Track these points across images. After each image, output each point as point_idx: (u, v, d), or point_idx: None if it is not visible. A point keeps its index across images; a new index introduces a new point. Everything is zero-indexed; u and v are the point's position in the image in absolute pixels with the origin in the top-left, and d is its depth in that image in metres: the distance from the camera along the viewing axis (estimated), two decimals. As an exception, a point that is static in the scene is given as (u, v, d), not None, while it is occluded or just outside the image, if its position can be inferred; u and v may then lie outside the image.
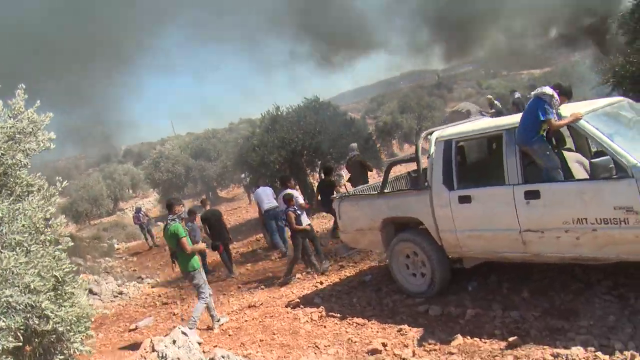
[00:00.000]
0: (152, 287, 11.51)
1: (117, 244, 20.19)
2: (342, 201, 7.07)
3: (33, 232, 4.25)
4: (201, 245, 7.24)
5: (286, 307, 7.42)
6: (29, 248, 4.18)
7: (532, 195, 4.87)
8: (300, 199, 8.73)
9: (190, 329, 6.58)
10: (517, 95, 18.97)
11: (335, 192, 9.20)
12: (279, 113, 15.78)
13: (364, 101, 59.58)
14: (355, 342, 5.59)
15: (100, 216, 27.62)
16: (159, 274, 13.01)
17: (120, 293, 11.61)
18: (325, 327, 6.26)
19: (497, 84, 40.78)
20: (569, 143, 5.84)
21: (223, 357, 4.36)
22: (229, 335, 6.88)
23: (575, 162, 5.49)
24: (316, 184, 15.10)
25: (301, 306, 7.21)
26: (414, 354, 4.91)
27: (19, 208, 4.17)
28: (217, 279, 10.75)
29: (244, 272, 10.79)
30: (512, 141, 5.10)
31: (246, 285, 9.55)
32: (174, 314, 8.67)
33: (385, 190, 6.51)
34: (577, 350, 4.19)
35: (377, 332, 5.71)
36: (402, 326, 5.59)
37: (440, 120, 25.11)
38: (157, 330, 8.00)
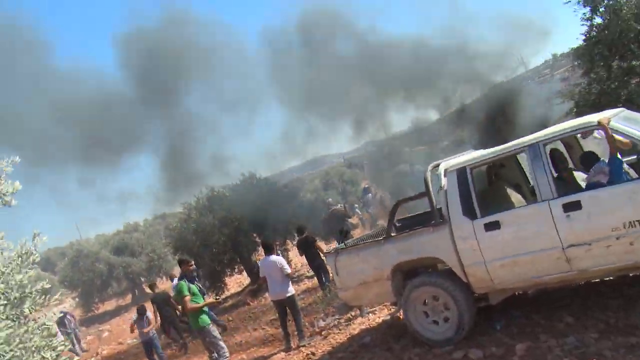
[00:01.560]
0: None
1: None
2: (339, 255, 6.43)
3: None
4: (209, 300, 7.19)
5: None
6: None
7: (572, 207, 4.63)
8: (287, 266, 8.01)
9: None
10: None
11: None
12: (215, 193, 15.01)
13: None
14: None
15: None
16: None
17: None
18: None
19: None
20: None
21: None
22: None
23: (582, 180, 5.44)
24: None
25: (306, 381, 6.27)
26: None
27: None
28: None
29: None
30: (539, 155, 4.91)
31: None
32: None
33: (393, 234, 6.00)
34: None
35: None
36: (447, 378, 4.92)
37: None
38: None
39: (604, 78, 7.88)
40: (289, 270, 7.97)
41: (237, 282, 17.20)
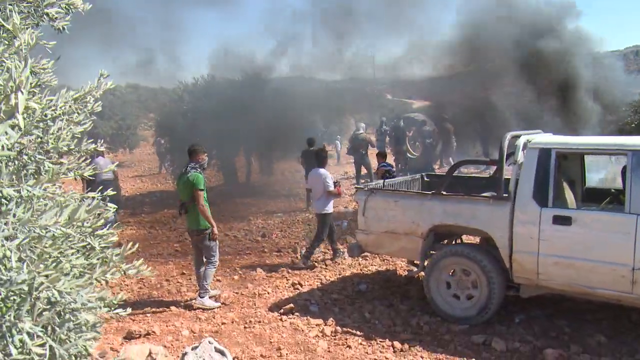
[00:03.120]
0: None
1: None
2: (372, 195, 5.90)
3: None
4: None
5: (271, 311, 6.02)
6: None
7: (663, 230, 4.23)
8: (330, 182, 7.59)
9: (202, 297, 6.14)
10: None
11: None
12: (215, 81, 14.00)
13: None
14: (413, 375, 4.48)
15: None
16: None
17: None
18: (350, 347, 5.00)
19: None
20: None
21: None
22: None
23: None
24: None
25: (296, 314, 5.86)
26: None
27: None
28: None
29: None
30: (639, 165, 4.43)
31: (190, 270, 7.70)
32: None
33: (444, 192, 5.48)
34: None
35: (436, 365, 4.64)
36: (466, 360, 4.59)
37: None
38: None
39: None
40: (330, 188, 7.56)
41: (206, 177, 16.56)
